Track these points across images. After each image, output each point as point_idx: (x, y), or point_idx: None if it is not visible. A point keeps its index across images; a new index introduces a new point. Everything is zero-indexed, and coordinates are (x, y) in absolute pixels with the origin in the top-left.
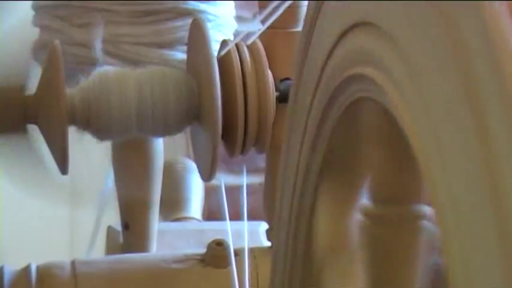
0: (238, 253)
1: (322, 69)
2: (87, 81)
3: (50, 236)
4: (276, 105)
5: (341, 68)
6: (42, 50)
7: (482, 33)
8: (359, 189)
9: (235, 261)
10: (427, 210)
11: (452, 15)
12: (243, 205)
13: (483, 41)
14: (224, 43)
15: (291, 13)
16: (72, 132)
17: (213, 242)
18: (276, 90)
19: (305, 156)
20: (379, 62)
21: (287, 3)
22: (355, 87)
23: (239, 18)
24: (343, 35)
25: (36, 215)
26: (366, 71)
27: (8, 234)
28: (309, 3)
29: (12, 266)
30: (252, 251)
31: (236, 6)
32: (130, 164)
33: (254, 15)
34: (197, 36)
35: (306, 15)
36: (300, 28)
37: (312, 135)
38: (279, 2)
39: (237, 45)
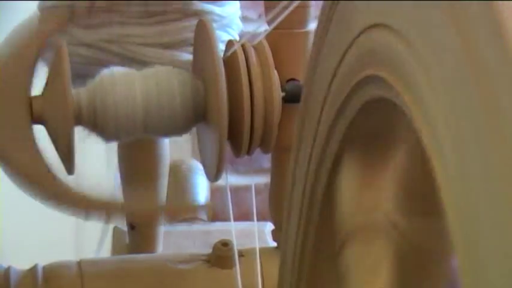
0: (244, 254)
1: (336, 69)
2: (93, 82)
3: (56, 236)
4: (282, 105)
5: (355, 69)
6: (48, 50)
7: (497, 33)
8: (371, 188)
9: (241, 261)
10: None
11: (467, 16)
12: (252, 206)
13: (499, 41)
14: (230, 43)
15: (297, 14)
16: (78, 132)
17: (218, 242)
18: (282, 90)
19: (316, 156)
20: (393, 63)
21: (294, 4)
22: (369, 88)
23: (244, 19)
24: (358, 36)
25: (42, 215)
26: (380, 72)
27: (14, 235)
28: (323, 4)
29: (18, 267)
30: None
31: (241, 7)
32: (136, 165)
33: (259, 16)
34: (203, 36)
35: (320, 16)
36: (306, 29)
37: (323, 135)
38: (286, 2)
39: (243, 45)
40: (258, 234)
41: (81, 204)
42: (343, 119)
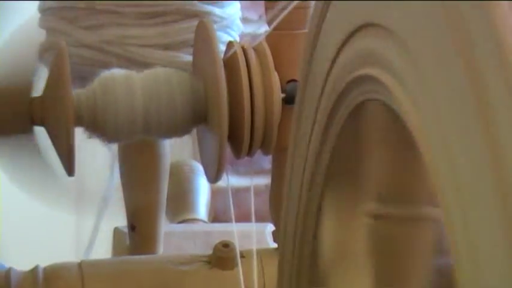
0: (244, 255)
1: (329, 70)
2: (93, 83)
3: (56, 237)
4: (282, 106)
5: (348, 69)
6: (48, 52)
7: (490, 33)
8: (365, 192)
9: (242, 262)
10: (434, 210)
11: (460, 16)
12: (251, 207)
13: (491, 41)
14: (230, 45)
15: (297, 14)
16: (79, 133)
17: (219, 243)
18: (282, 91)
19: (312, 158)
20: (386, 63)
21: (293, 4)
22: (362, 88)
23: (245, 20)
24: (350, 36)
25: (42, 216)
26: (373, 72)
27: (15, 236)
28: (315, 4)
29: (19, 268)
30: (258, 252)
31: (242, 8)
32: (137, 166)
33: (260, 17)
34: (203, 37)
35: (312, 16)
36: (305, 29)
37: (318, 137)
38: (285, 3)
39: (243, 46)
40: (259, 235)
41: None
42: (337, 120)
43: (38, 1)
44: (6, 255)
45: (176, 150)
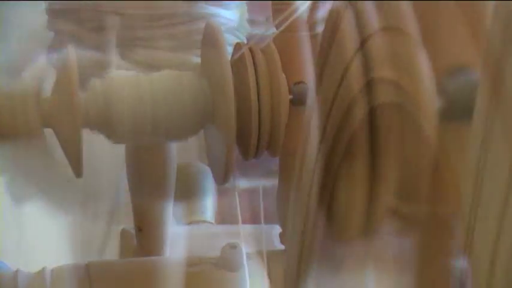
0: (251, 256)
1: (344, 73)
2: (101, 85)
3: (63, 239)
4: (290, 108)
5: (365, 72)
6: (56, 53)
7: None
8: (378, 190)
9: (249, 264)
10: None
11: (476, 14)
12: (260, 208)
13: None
14: (237, 46)
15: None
16: (87, 135)
17: (227, 245)
18: (290, 93)
19: (322, 160)
20: (405, 66)
21: (304, 7)
22: (377, 92)
23: (251, 22)
24: (368, 38)
25: (49, 217)
26: (391, 75)
27: (21, 239)
28: (331, 6)
29: (26, 270)
30: (265, 254)
31: (248, 10)
32: (144, 167)
33: (267, 19)
34: (211, 39)
35: (328, 18)
36: (313, 31)
37: (331, 138)
38: (295, 7)
39: (250, 48)
40: (266, 237)
41: None
42: (351, 123)
43: (44, 3)
44: (13, 257)
45: (183, 151)
